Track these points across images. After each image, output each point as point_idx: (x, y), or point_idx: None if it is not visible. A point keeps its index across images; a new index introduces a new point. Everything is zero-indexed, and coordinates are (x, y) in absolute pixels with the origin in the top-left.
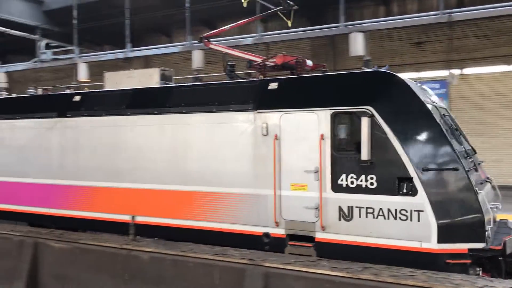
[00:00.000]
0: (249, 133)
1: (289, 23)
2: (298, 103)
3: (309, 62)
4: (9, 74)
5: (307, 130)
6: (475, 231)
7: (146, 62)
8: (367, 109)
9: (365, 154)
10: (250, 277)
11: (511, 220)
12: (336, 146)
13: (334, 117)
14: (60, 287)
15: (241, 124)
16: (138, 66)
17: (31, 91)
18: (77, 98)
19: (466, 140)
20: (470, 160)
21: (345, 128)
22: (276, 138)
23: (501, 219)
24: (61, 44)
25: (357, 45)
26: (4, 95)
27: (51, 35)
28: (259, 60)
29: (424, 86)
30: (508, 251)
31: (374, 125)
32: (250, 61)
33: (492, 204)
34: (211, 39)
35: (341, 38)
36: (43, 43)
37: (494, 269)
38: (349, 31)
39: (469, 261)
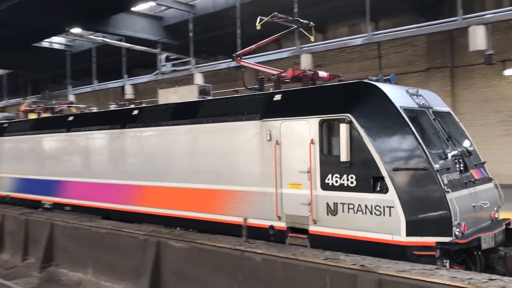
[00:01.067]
0: (257, 139)
1: (312, 38)
2: (293, 112)
3: (323, 74)
4: (135, 86)
5: (300, 136)
6: (441, 226)
7: (256, 69)
8: (346, 116)
9: (344, 156)
10: (362, 283)
11: None
12: (323, 149)
13: (321, 124)
14: (179, 284)
15: (251, 131)
16: (250, 74)
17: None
18: (134, 112)
19: (464, 142)
20: (454, 160)
21: (330, 133)
22: (277, 143)
23: (504, 218)
24: (179, 56)
25: (478, 39)
26: (112, 107)
27: (170, 48)
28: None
29: (421, 92)
30: (484, 247)
31: (352, 130)
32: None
33: (482, 202)
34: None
35: (461, 33)
36: (163, 56)
37: (473, 263)
38: (468, 24)
39: (434, 253)
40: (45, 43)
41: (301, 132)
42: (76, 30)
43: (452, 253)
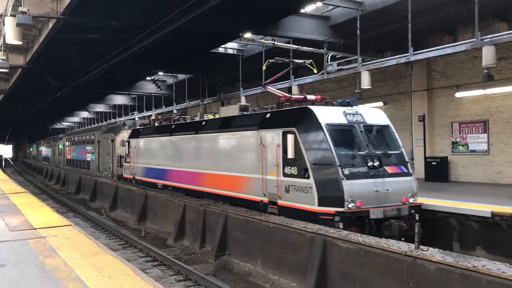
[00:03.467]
0: (255, 143)
1: (314, 70)
2: (272, 126)
3: (311, 97)
4: (300, 86)
5: (273, 141)
6: (337, 200)
7: (428, 64)
8: (293, 129)
9: (290, 155)
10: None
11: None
12: (283, 150)
13: (283, 134)
14: (345, 285)
15: (249, 138)
16: (419, 70)
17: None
18: (203, 123)
19: (389, 147)
20: (366, 159)
21: (286, 140)
22: (264, 145)
23: (418, 203)
24: (345, 55)
25: None
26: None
27: (336, 48)
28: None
29: (364, 111)
30: (371, 216)
31: (295, 139)
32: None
33: (386, 189)
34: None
35: None
36: (329, 56)
37: (364, 227)
38: None
39: (332, 218)
40: (221, 49)
41: (274, 139)
42: (247, 35)
43: (347, 219)
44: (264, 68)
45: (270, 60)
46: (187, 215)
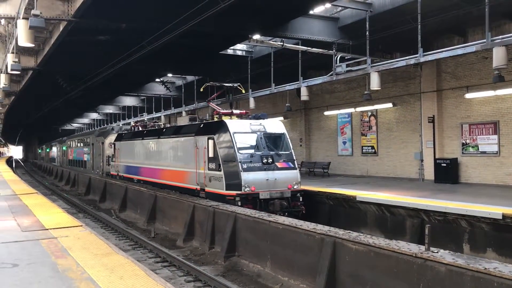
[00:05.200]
0: (192, 145)
1: (243, 91)
2: (202, 133)
3: (237, 111)
4: (309, 87)
5: (203, 145)
6: (237, 186)
7: (437, 65)
8: (213, 136)
9: (211, 154)
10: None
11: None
12: (208, 151)
13: (207, 139)
14: (356, 286)
15: (188, 142)
16: (428, 71)
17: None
18: (163, 129)
19: (281, 149)
20: (262, 157)
21: (209, 144)
22: (197, 147)
23: (301, 189)
24: (354, 56)
25: None
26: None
27: (345, 49)
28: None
29: (266, 123)
30: (261, 197)
31: (214, 143)
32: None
33: (275, 178)
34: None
35: None
36: (338, 57)
37: (256, 205)
38: None
39: (233, 198)
40: (229, 51)
41: (203, 143)
42: (256, 36)
43: (244, 199)
44: (201, 90)
45: (207, 84)
46: (196, 216)
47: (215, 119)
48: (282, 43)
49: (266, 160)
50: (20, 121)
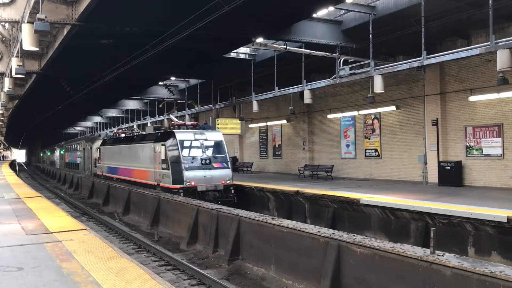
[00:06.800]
0: (151, 150)
1: (196, 106)
2: (159, 140)
3: (189, 122)
4: (312, 90)
5: (159, 149)
6: (181, 181)
7: (441, 68)
8: (165, 143)
9: (163, 157)
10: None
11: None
12: (161, 155)
13: (161, 145)
14: None
15: (149, 147)
16: (432, 74)
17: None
18: (134, 137)
19: (218, 153)
20: (201, 159)
21: (162, 149)
22: (154, 151)
23: (233, 183)
24: (357, 59)
25: None
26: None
27: (348, 52)
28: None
29: (207, 133)
30: (198, 189)
31: (165, 148)
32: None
33: (211, 175)
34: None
35: None
36: (341, 60)
37: (195, 195)
38: None
39: (177, 190)
40: (233, 54)
41: (159, 148)
42: (259, 39)
43: (186, 191)
44: (160, 106)
45: (165, 100)
46: (200, 219)
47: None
48: (285, 47)
49: (204, 162)
50: (24, 124)
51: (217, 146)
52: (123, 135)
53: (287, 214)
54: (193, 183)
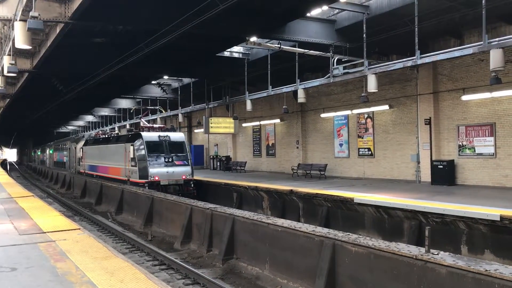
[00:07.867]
0: (123, 150)
1: (163, 111)
2: (130, 141)
3: (157, 126)
4: (306, 90)
5: (128, 149)
6: (145, 176)
7: (434, 67)
8: (133, 143)
9: (131, 155)
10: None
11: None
12: (130, 153)
13: (131, 146)
14: None
15: (122, 147)
16: (425, 73)
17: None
18: (110, 138)
19: (179, 152)
20: (165, 158)
21: (131, 148)
22: (125, 151)
23: (192, 178)
24: (351, 58)
25: None
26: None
27: (342, 51)
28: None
29: (171, 134)
30: (161, 183)
31: (133, 148)
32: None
33: (173, 171)
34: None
35: None
36: (335, 59)
37: (159, 188)
38: None
39: (142, 184)
40: (226, 53)
41: (128, 148)
42: (253, 38)
43: (150, 185)
44: (131, 111)
45: (135, 108)
46: (194, 219)
47: (141, 132)
48: (279, 46)
49: (167, 159)
50: (15, 123)
51: (179, 146)
52: (103, 136)
53: (281, 213)
54: (156, 178)
